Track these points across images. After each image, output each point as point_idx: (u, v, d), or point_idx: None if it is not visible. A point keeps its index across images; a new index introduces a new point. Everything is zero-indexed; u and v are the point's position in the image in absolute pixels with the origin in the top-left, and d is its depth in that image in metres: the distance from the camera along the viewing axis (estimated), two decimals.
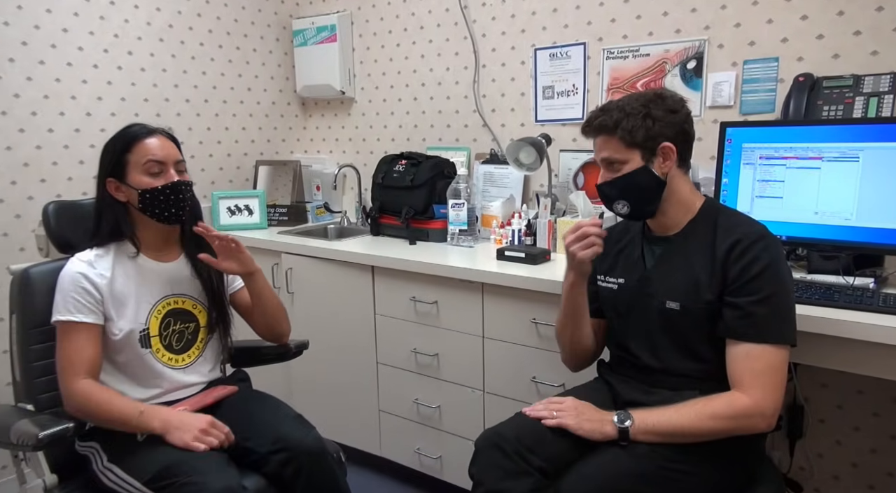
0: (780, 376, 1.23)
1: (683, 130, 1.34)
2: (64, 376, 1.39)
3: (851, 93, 1.70)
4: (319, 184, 3.00)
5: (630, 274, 1.42)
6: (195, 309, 1.56)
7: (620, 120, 1.31)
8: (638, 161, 1.32)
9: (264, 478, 1.39)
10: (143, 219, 1.47)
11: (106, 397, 1.38)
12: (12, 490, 2.23)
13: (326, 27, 2.91)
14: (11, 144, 2.24)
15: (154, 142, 1.46)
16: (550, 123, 2.41)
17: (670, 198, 1.35)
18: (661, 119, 1.30)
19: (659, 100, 1.33)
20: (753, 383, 1.21)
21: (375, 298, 2.23)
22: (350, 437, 2.36)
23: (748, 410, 1.21)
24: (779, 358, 1.23)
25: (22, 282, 1.49)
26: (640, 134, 1.30)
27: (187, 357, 1.54)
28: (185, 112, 2.74)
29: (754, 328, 1.23)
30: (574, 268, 1.42)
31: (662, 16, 2.13)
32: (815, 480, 1.94)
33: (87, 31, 2.41)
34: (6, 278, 1.59)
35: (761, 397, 1.20)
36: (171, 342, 1.51)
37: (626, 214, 1.37)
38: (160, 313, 1.50)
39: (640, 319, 1.39)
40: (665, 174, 1.33)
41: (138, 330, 1.46)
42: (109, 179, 1.45)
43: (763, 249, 1.25)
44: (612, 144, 1.33)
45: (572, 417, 1.29)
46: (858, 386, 1.83)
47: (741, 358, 1.24)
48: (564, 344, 1.53)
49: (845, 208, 1.57)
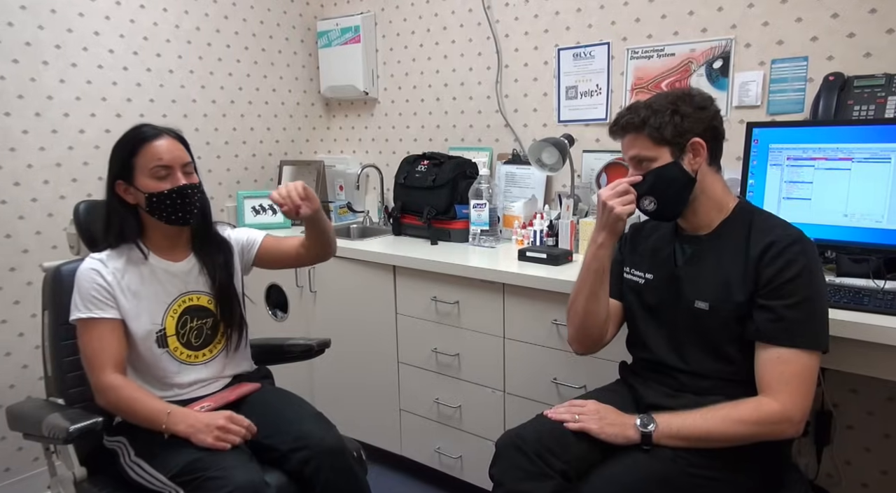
0: (810, 382, 1.21)
1: (713, 126, 1.32)
2: (92, 372, 1.42)
3: (884, 92, 1.66)
4: (342, 184, 3.03)
5: (659, 271, 1.40)
6: (211, 304, 1.57)
7: (648, 117, 1.30)
8: (667, 158, 1.30)
9: (285, 475, 1.41)
10: (152, 220, 1.49)
11: (136, 395, 1.41)
12: (44, 481, 2.29)
13: (350, 28, 2.93)
14: (45, 145, 2.30)
15: (162, 144, 1.45)
16: (573, 123, 2.40)
17: (701, 196, 1.33)
18: (689, 115, 1.29)
19: (687, 97, 1.32)
20: (782, 388, 1.19)
21: (397, 297, 2.24)
22: (371, 436, 2.37)
23: (776, 416, 1.19)
24: (810, 364, 1.21)
25: (54, 279, 1.53)
26: (669, 130, 1.29)
27: (208, 352, 1.56)
28: (211, 113, 2.78)
29: (786, 333, 1.21)
30: (608, 226, 1.36)
31: (688, 15, 2.10)
32: (843, 488, 1.89)
33: (117, 34, 2.46)
34: (40, 275, 1.64)
35: (790, 404, 1.19)
36: (190, 339, 1.53)
37: (652, 211, 1.34)
38: (176, 312, 1.52)
39: (666, 317, 1.37)
40: (695, 171, 1.31)
41: (155, 331, 1.48)
42: (118, 181, 1.46)
43: (799, 252, 1.22)
44: (641, 142, 1.32)
45: (595, 421, 1.28)
46: (890, 393, 1.79)
47: (771, 362, 1.21)
48: (576, 312, 1.44)
49: (876, 210, 1.54)
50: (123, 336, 1.45)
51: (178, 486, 1.30)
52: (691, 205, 1.34)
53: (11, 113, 2.21)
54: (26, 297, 2.28)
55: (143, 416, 1.39)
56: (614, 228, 1.37)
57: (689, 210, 1.35)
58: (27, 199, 2.27)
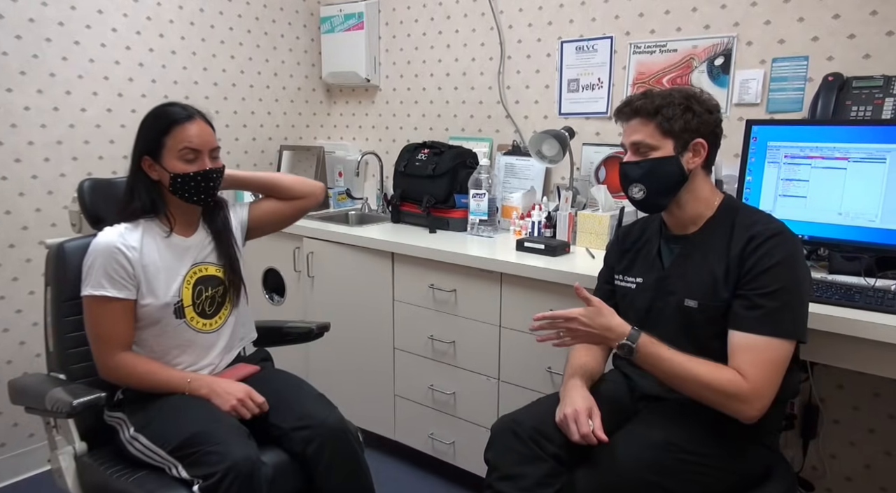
0: (781, 370, 1.23)
1: (715, 132, 1.36)
2: (100, 351, 1.45)
3: (881, 94, 1.69)
4: (342, 170, 3.04)
5: (648, 273, 1.43)
6: (219, 273, 1.60)
7: (662, 106, 1.32)
8: (669, 150, 1.33)
9: (286, 454, 1.43)
10: (173, 198, 1.51)
11: (150, 369, 1.46)
12: (39, 457, 2.31)
13: (354, 15, 2.93)
14: (46, 123, 2.29)
15: (193, 128, 1.47)
16: (574, 116, 2.41)
17: (689, 195, 1.36)
18: (700, 115, 1.32)
19: (699, 98, 1.35)
20: (752, 372, 1.21)
21: (394, 284, 2.26)
22: (365, 420, 2.39)
23: (743, 394, 1.20)
24: (781, 352, 1.23)
25: (58, 256, 1.54)
26: (679, 124, 1.31)
27: (219, 319, 1.59)
28: (213, 95, 2.78)
29: (760, 320, 1.23)
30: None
31: (691, 11, 2.12)
32: (828, 480, 1.94)
33: (121, 13, 2.45)
34: (39, 252, 1.64)
35: (759, 387, 1.21)
36: (205, 308, 1.56)
37: (639, 199, 1.37)
38: (190, 283, 1.54)
39: (657, 317, 1.40)
40: (690, 170, 1.34)
41: (173, 303, 1.50)
42: (145, 157, 1.48)
43: (778, 244, 1.25)
44: (648, 129, 1.34)
45: (583, 337, 1.32)
46: (875, 388, 1.83)
47: (744, 348, 1.24)
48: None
49: (870, 210, 1.56)
50: (132, 317, 1.47)
51: (176, 460, 1.32)
52: (677, 201, 1.36)
53: (13, 89, 2.20)
54: (25, 274, 2.28)
55: (164, 386, 1.45)
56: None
57: (674, 206, 1.37)
58: (27, 176, 2.27)
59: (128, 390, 1.50)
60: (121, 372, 1.45)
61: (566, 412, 1.28)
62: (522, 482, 1.26)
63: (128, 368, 1.45)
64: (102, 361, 1.45)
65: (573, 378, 1.38)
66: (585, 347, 1.50)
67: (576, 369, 1.42)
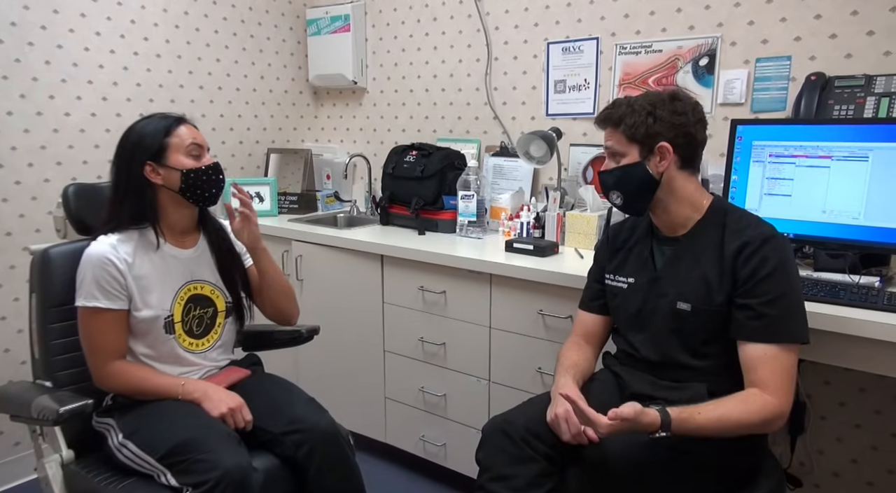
0: (795, 374, 1.26)
1: (686, 133, 1.33)
2: (95, 361, 1.44)
3: (863, 93, 1.71)
4: (330, 173, 3.03)
5: (640, 274, 1.44)
6: (213, 294, 1.58)
7: (625, 115, 1.34)
8: (635, 156, 1.34)
9: (277, 458, 1.42)
10: (171, 203, 1.49)
11: (143, 375, 1.46)
12: (25, 466, 2.28)
13: (340, 17, 2.92)
14: (29, 127, 2.27)
15: (190, 128, 1.51)
16: (561, 116, 2.43)
17: (670, 197, 1.36)
18: (663, 119, 1.32)
19: (669, 101, 1.34)
20: (779, 385, 1.23)
21: (384, 286, 2.25)
22: (356, 423, 2.39)
23: (777, 414, 1.22)
24: (794, 357, 1.26)
25: (42, 262, 1.52)
26: (641, 131, 1.33)
27: (206, 341, 1.57)
28: (198, 99, 2.76)
29: (768, 329, 1.25)
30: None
31: (676, 12, 2.13)
32: (815, 476, 1.96)
33: (104, 16, 2.43)
34: (23, 258, 1.62)
35: (785, 400, 1.23)
36: (192, 328, 1.55)
37: (620, 205, 1.41)
38: (182, 299, 1.52)
39: (648, 318, 1.40)
40: (660, 174, 1.34)
41: (163, 317, 1.48)
42: (147, 163, 1.45)
43: (772, 250, 1.26)
44: (616, 137, 1.37)
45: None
46: (861, 384, 1.85)
47: (763, 360, 1.24)
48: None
49: (853, 208, 1.58)
50: (126, 327, 1.46)
51: (165, 468, 1.31)
52: (660, 204, 1.37)
53: None
54: (9, 280, 2.25)
55: (160, 392, 1.44)
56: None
57: (659, 209, 1.39)
58: (10, 181, 2.24)
59: (118, 396, 1.48)
60: (116, 380, 1.44)
61: (557, 411, 1.29)
62: (514, 482, 1.27)
63: (122, 376, 1.44)
64: (97, 370, 1.44)
65: (564, 377, 1.39)
66: (576, 345, 1.51)
67: (567, 368, 1.42)
